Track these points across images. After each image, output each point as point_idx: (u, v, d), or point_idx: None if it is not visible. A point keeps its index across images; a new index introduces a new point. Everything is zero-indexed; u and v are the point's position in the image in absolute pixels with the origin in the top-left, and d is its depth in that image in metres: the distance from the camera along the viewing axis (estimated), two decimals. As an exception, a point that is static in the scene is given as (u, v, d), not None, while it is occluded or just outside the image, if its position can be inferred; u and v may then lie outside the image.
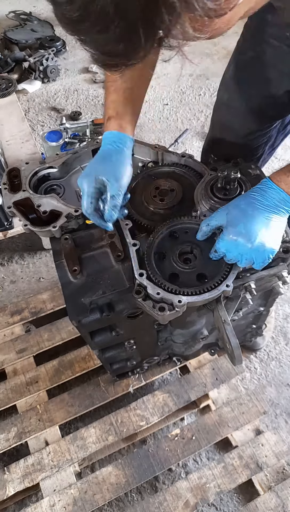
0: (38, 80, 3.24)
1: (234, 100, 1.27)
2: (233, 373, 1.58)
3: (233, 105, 1.28)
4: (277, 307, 1.96)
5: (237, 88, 1.25)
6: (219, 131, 1.38)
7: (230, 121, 1.32)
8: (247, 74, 1.21)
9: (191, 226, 1.02)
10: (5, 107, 2.38)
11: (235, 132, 1.31)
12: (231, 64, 1.26)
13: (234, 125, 1.31)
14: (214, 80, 3.23)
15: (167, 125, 2.91)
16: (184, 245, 1.00)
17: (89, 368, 1.60)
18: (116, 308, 1.02)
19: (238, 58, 1.23)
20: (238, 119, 1.28)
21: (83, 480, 1.39)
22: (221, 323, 0.95)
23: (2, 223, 1.82)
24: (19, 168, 1.18)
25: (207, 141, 1.47)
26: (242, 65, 1.22)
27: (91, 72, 3.37)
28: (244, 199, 0.93)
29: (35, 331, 1.71)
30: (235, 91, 1.25)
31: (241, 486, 1.44)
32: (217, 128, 1.40)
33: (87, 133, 2.42)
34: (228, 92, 1.29)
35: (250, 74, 1.20)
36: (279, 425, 1.63)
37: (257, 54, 1.15)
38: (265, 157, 1.41)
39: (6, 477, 1.39)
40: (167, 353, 1.48)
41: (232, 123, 1.32)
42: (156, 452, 1.43)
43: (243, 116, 1.26)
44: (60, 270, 1.05)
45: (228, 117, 1.32)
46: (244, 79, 1.23)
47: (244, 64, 1.21)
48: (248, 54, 1.18)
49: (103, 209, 0.98)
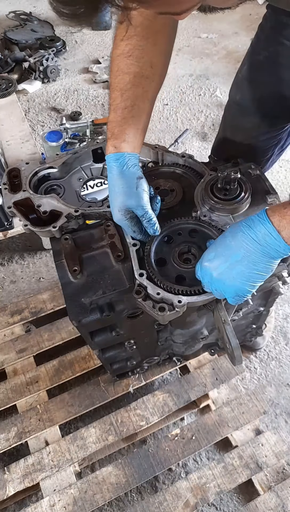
0: (38, 80, 3.25)
1: (246, 100, 1.26)
2: (233, 373, 1.58)
3: (244, 105, 1.26)
4: (277, 307, 1.96)
5: (249, 88, 1.24)
6: (230, 131, 1.37)
7: (241, 121, 1.31)
8: (260, 75, 1.20)
9: (183, 226, 1.03)
10: (5, 107, 2.38)
11: (245, 132, 1.30)
12: (245, 64, 1.24)
13: (245, 125, 1.30)
14: (214, 80, 3.23)
15: (167, 125, 2.91)
16: (181, 246, 1.00)
17: (89, 368, 1.60)
18: (116, 308, 1.02)
19: (252, 58, 1.21)
20: (249, 119, 1.27)
21: (83, 480, 1.39)
22: (221, 323, 0.95)
23: (2, 223, 1.82)
24: (19, 168, 1.18)
25: (217, 140, 1.46)
26: (256, 65, 1.20)
27: (91, 72, 3.37)
28: (233, 226, 0.86)
29: (35, 331, 1.71)
30: (248, 91, 1.24)
31: (241, 486, 1.44)
32: (228, 127, 1.39)
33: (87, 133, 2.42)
34: (240, 91, 1.28)
35: (263, 74, 1.19)
36: (279, 425, 1.63)
37: (271, 55, 1.14)
38: (273, 158, 1.40)
39: (6, 477, 1.39)
40: (167, 353, 1.48)
41: (243, 123, 1.30)
42: (156, 452, 1.43)
43: (254, 117, 1.25)
44: (60, 270, 1.05)
45: (240, 117, 1.31)
46: (257, 79, 1.21)
47: (257, 65, 1.19)
48: (262, 54, 1.17)
49: (146, 227, 1.00)
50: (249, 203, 1.05)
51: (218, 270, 0.84)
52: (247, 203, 1.04)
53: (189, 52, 3.54)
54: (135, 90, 0.97)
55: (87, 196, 1.16)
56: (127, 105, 0.98)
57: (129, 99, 0.98)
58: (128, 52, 0.96)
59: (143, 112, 1.01)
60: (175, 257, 0.98)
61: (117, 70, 0.98)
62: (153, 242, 1.00)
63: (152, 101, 1.04)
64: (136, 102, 0.98)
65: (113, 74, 0.99)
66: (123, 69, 0.97)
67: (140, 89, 0.98)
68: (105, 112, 3.02)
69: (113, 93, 0.99)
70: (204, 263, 0.87)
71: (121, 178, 0.97)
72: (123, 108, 0.98)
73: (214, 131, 2.83)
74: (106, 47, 3.67)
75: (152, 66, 0.98)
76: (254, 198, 1.05)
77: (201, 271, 0.88)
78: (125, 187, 0.97)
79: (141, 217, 0.97)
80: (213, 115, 2.96)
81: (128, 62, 0.97)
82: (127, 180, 0.97)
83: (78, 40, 3.76)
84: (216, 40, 3.63)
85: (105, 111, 3.02)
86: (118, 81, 0.99)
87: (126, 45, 0.96)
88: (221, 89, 3.15)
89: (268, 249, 0.79)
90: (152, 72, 0.99)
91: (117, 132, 0.98)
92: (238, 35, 3.63)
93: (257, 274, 0.82)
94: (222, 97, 3.08)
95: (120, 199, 0.97)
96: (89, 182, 1.19)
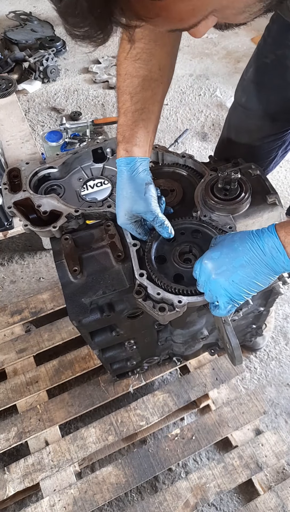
0: (38, 80, 3.25)
1: (251, 103, 1.25)
2: (233, 373, 1.58)
3: (250, 107, 1.26)
4: (277, 307, 1.96)
5: (255, 90, 1.23)
6: (235, 132, 1.37)
7: (246, 123, 1.31)
8: (266, 78, 1.20)
9: (186, 226, 1.03)
10: (5, 107, 2.38)
11: (250, 134, 1.30)
12: (251, 66, 1.23)
13: (250, 127, 1.30)
14: (214, 80, 3.23)
15: (167, 125, 2.91)
16: (183, 245, 1.00)
17: (89, 368, 1.60)
18: (117, 308, 1.02)
19: (258, 61, 1.21)
20: (255, 122, 1.27)
21: (83, 480, 1.39)
22: (221, 323, 0.95)
23: (2, 223, 1.82)
24: (19, 168, 1.18)
25: (220, 140, 1.45)
26: (262, 68, 1.20)
27: (91, 72, 3.37)
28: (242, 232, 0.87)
29: (35, 331, 1.71)
30: (254, 94, 1.24)
31: (241, 486, 1.44)
32: (232, 129, 1.38)
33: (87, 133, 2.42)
34: (246, 94, 1.27)
35: (269, 77, 1.19)
36: (279, 425, 1.63)
37: (278, 57, 1.13)
38: (277, 159, 1.40)
39: (6, 477, 1.39)
40: (167, 353, 1.48)
41: (248, 125, 1.30)
42: (156, 452, 1.43)
43: (259, 119, 1.25)
44: (60, 270, 1.05)
45: (245, 119, 1.31)
46: (263, 82, 1.21)
47: (264, 67, 1.19)
48: (268, 57, 1.16)
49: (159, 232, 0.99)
50: (249, 203, 1.05)
51: (218, 271, 0.83)
52: (247, 203, 1.04)
53: (189, 52, 3.54)
54: (145, 93, 0.97)
55: (87, 196, 1.16)
56: (137, 108, 0.98)
57: (139, 102, 0.98)
58: (136, 55, 0.96)
59: (153, 115, 1.01)
60: (176, 255, 0.98)
61: (126, 73, 0.98)
62: (155, 239, 1.00)
63: (161, 103, 1.04)
64: (146, 105, 0.98)
65: (121, 77, 0.99)
66: (131, 72, 0.97)
67: (150, 92, 0.98)
68: (105, 112, 3.02)
69: (122, 97, 0.99)
70: (205, 260, 0.86)
71: (131, 182, 0.97)
72: (133, 111, 0.98)
73: (214, 131, 2.83)
74: (106, 47, 3.67)
75: (160, 68, 0.98)
76: (254, 198, 1.05)
77: (200, 269, 0.88)
78: (134, 192, 0.97)
79: (153, 221, 0.97)
80: (213, 115, 2.96)
81: (136, 65, 0.96)
82: (136, 185, 0.97)
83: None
84: (216, 40, 3.64)
85: (105, 111, 3.03)
86: (126, 84, 0.98)
87: (133, 48, 0.95)
88: (221, 89, 3.15)
89: (272, 262, 0.80)
90: (160, 74, 0.99)
91: (128, 135, 0.98)
92: (238, 35, 3.63)
93: (255, 284, 0.83)
94: (222, 97, 3.08)
95: (128, 203, 0.97)
96: (89, 182, 1.19)
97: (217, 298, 0.86)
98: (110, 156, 1.24)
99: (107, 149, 1.22)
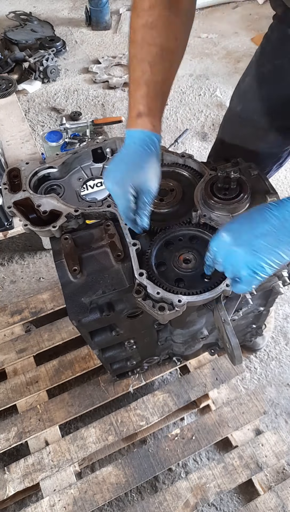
0: (38, 80, 3.25)
1: (247, 112, 1.23)
2: (233, 373, 1.58)
3: (245, 116, 1.24)
4: (277, 307, 1.96)
5: (252, 100, 1.21)
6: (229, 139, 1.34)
7: (240, 131, 1.28)
8: (264, 87, 1.17)
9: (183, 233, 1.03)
10: (5, 107, 2.38)
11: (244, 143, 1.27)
12: (247, 75, 1.21)
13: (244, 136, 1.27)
14: (214, 80, 3.23)
15: (167, 125, 2.91)
16: (182, 251, 1.00)
17: (89, 368, 1.60)
18: (116, 307, 1.02)
19: (255, 70, 1.18)
20: (249, 131, 1.24)
21: (83, 480, 1.39)
22: (221, 323, 0.95)
23: (2, 223, 1.82)
24: (19, 168, 1.18)
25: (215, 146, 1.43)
26: (260, 77, 1.17)
27: (91, 72, 3.38)
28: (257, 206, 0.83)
29: (35, 331, 1.71)
30: (249, 104, 1.21)
31: (241, 486, 1.44)
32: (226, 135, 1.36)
33: (87, 133, 2.42)
34: (241, 103, 1.25)
35: (267, 87, 1.16)
36: (279, 425, 1.63)
37: (275, 67, 1.11)
38: (271, 173, 1.38)
39: (6, 477, 1.39)
40: (167, 353, 1.48)
41: (243, 134, 1.27)
42: (156, 452, 1.43)
43: (254, 129, 1.22)
44: (60, 270, 1.05)
45: (239, 127, 1.28)
46: (259, 92, 1.18)
47: (261, 76, 1.17)
48: (266, 67, 1.14)
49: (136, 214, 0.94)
50: (249, 202, 1.05)
51: (239, 241, 0.79)
52: (247, 202, 1.04)
53: (189, 52, 3.54)
54: (164, 64, 0.91)
55: (87, 196, 1.16)
56: (158, 80, 0.91)
57: (159, 74, 0.91)
58: (152, 22, 0.89)
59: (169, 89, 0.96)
60: (175, 261, 0.98)
61: (142, 40, 0.91)
62: (154, 247, 1.00)
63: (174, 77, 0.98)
64: (165, 77, 0.93)
65: (138, 44, 0.91)
66: (148, 40, 0.90)
67: (168, 63, 0.92)
68: (105, 112, 3.02)
69: (140, 65, 0.91)
70: (223, 233, 0.81)
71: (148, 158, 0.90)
72: (155, 83, 0.91)
73: (214, 131, 2.83)
74: (106, 47, 3.67)
75: (176, 38, 0.92)
76: (254, 198, 1.05)
77: (217, 243, 0.83)
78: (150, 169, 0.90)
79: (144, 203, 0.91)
80: (213, 115, 2.96)
81: (153, 33, 0.90)
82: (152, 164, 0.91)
83: (78, 40, 3.77)
84: (216, 40, 3.64)
85: (105, 111, 3.03)
86: (145, 52, 0.91)
87: (149, 15, 0.89)
88: (221, 89, 3.15)
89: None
90: (176, 45, 0.93)
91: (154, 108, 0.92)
92: (238, 35, 3.63)
93: (278, 254, 0.77)
94: (222, 97, 3.08)
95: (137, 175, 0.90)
96: (89, 182, 1.19)
97: (238, 272, 0.81)
98: (109, 156, 1.24)
99: (107, 149, 1.22)
